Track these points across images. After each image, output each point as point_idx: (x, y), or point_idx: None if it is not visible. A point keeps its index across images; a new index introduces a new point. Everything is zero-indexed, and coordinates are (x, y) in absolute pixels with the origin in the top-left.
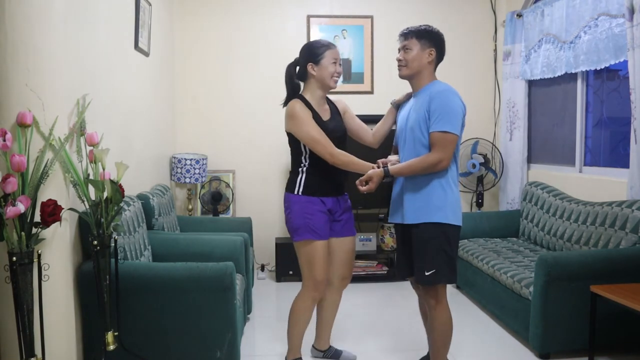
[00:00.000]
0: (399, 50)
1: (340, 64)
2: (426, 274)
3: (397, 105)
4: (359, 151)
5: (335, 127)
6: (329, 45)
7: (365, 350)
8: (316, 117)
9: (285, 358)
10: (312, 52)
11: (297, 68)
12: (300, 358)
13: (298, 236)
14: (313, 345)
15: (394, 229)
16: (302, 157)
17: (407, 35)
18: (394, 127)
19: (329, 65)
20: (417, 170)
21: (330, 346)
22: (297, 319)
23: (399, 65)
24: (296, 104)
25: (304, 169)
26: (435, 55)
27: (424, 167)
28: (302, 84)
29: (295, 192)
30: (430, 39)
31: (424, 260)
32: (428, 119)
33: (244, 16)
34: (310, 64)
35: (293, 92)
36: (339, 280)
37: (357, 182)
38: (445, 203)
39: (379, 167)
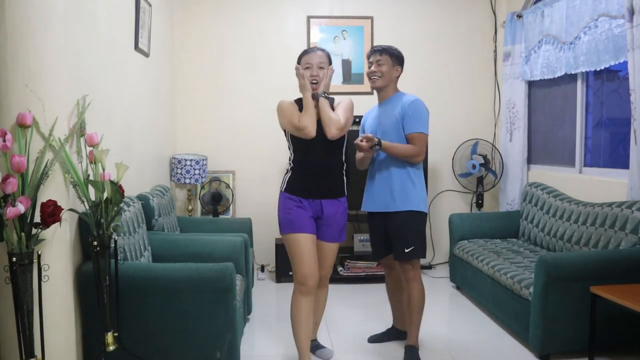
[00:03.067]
0: (371, 64)
1: (319, 67)
2: (406, 251)
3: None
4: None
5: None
6: (307, 50)
7: (365, 351)
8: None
9: None
10: (297, 60)
11: None
12: None
13: (281, 230)
14: None
15: (369, 218)
16: (290, 154)
17: (381, 52)
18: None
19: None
20: (399, 153)
21: (315, 339)
22: (292, 315)
23: (373, 78)
24: (281, 100)
25: (290, 167)
26: (400, 72)
27: (405, 154)
28: None
29: (281, 189)
30: (399, 59)
31: (405, 240)
32: (402, 123)
33: (244, 17)
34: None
35: None
36: None
37: (357, 140)
38: (421, 195)
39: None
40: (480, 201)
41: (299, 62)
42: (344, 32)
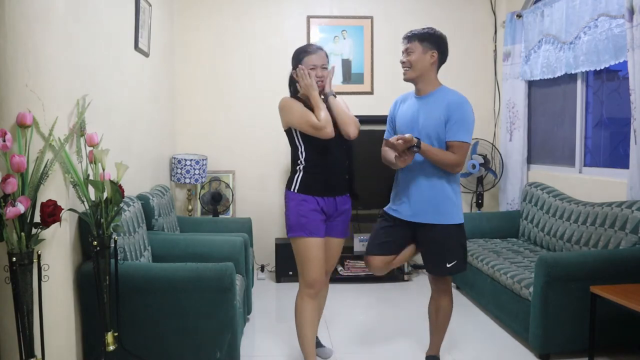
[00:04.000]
0: (403, 53)
1: (323, 67)
2: (448, 265)
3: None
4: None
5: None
6: (307, 50)
7: (365, 351)
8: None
9: None
10: (295, 59)
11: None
12: None
13: (292, 232)
14: None
15: (388, 218)
16: (299, 152)
17: (409, 38)
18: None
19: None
20: (438, 159)
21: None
22: (297, 318)
23: (403, 69)
24: (283, 97)
25: (301, 166)
26: (438, 57)
27: (445, 162)
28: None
29: (292, 190)
30: (432, 42)
31: (448, 255)
32: (445, 127)
33: (244, 17)
34: (294, 71)
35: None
36: None
37: (394, 138)
38: (459, 206)
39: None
40: (480, 201)
41: (299, 61)
42: (344, 32)
